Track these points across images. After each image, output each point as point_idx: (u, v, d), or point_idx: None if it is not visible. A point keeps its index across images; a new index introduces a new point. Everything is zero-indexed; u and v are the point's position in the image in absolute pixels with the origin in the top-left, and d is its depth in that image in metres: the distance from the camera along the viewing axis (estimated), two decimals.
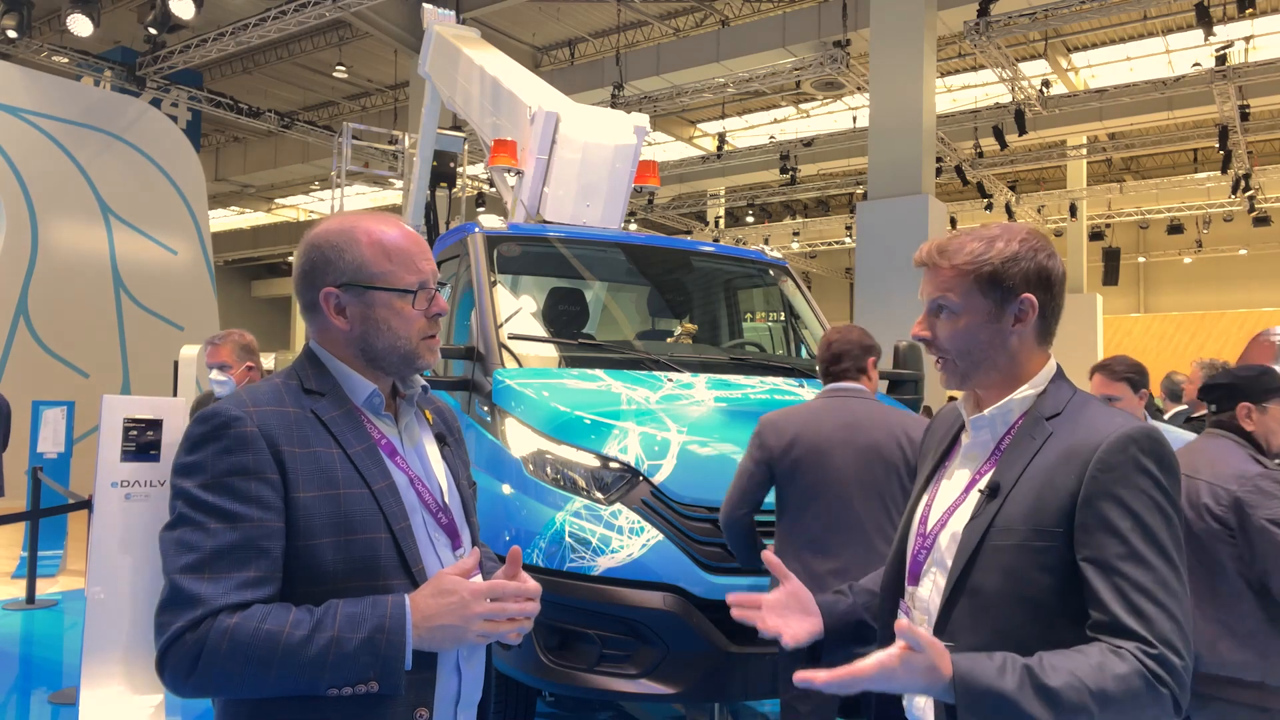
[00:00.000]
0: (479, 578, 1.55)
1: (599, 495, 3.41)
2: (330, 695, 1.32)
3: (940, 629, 1.45)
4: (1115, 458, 1.35)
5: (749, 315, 5.56)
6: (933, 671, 1.26)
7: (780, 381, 4.27)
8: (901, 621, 1.26)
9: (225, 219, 29.08)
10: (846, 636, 1.69)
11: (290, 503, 1.38)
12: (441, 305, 1.56)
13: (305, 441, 1.42)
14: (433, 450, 1.62)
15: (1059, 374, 1.53)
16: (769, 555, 1.66)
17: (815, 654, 1.65)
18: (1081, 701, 1.25)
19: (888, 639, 1.60)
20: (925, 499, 1.60)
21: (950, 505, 1.52)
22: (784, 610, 1.62)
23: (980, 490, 1.46)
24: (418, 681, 1.39)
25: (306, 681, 1.30)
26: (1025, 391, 1.50)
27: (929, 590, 1.51)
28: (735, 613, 1.60)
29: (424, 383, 1.63)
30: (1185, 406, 6.62)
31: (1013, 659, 1.29)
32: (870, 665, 1.26)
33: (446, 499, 1.58)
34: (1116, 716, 1.27)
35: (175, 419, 4.35)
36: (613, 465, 3.44)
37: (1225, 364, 4.56)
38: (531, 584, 1.45)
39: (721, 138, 19.05)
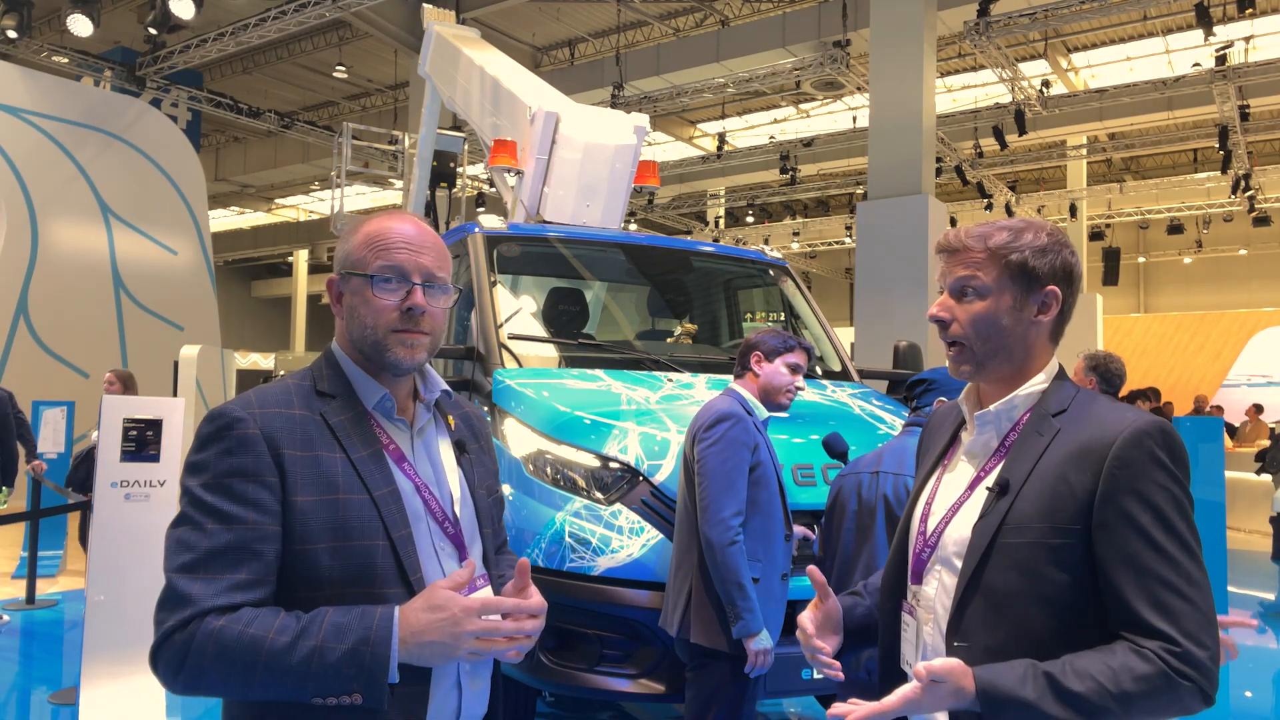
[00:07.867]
0: (488, 591, 1.52)
1: (599, 495, 3.40)
2: (316, 704, 1.30)
3: (953, 628, 1.44)
4: (1131, 454, 1.36)
5: (749, 315, 5.55)
6: (959, 693, 1.30)
7: None
8: (918, 668, 1.29)
9: (225, 219, 29.06)
10: (859, 641, 1.71)
11: (288, 506, 1.37)
12: (417, 300, 1.47)
13: (309, 444, 1.41)
14: (448, 457, 1.58)
15: (1060, 372, 1.53)
16: (813, 570, 1.61)
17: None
18: (1105, 705, 1.27)
19: (890, 638, 1.60)
20: (925, 497, 1.59)
21: (954, 503, 1.51)
22: (825, 634, 1.63)
23: (988, 488, 1.46)
24: (409, 695, 1.36)
25: (290, 688, 1.29)
26: (1029, 388, 1.50)
27: (935, 589, 1.50)
28: (809, 639, 1.59)
29: (445, 386, 1.59)
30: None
31: (1034, 667, 1.31)
32: (895, 700, 1.30)
33: (457, 509, 1.54)
34: (1143, 717, 1.29)
35: (175, 419, 4.35)
36: (613, 465, 3.43)
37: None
38: (535, 600, 1.40)
39: (721, 138, 19.03)
